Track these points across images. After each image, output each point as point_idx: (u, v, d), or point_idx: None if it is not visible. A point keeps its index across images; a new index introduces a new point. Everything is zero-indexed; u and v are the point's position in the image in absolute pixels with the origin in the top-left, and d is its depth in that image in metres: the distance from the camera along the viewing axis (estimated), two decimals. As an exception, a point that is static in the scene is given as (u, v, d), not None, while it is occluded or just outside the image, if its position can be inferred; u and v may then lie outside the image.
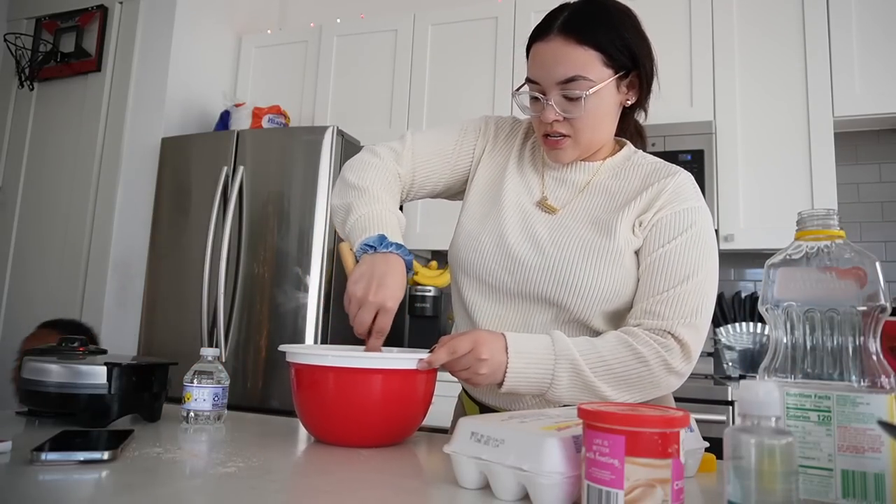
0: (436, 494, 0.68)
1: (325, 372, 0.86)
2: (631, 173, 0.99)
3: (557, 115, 0.93)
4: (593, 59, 0.91)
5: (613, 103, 0.96)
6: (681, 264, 0.90)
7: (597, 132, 0.96)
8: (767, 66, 2.33)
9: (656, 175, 0.97)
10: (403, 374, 0.87)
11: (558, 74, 0.91)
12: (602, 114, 0.95)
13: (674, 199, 0.93)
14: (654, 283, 0.90)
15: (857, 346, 0.61)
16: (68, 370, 0.97)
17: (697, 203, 0.95)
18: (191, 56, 2.84)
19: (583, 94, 0.90)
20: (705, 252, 0.92)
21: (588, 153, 1.00)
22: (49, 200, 2.83)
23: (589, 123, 0.94)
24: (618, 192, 0.98)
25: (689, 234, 0.91)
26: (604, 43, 0.91)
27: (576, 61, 0.90)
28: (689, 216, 0.92)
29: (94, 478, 0.68)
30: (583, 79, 0.90)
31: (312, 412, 0.89)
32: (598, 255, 0.92)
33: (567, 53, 0.90)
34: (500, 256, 0.97)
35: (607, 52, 0.91)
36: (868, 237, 2.44)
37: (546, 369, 0.85)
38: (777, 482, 0.49)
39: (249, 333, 2.30)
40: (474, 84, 2.70)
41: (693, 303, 0.89)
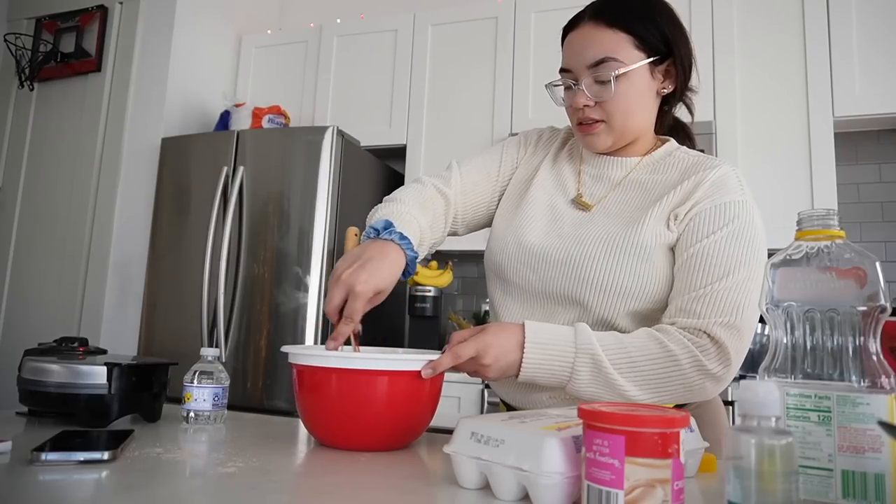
0: (436, 494, 0.68)
1: (327, 374, 0.84)
2: (670, 167, 0.96)
3: (588, 99, 0.91)
4: (623, 41, 0.89)
5: (647, 89, 0.94)
6: (720, 260, 0.84)
7: (630, 117, 0.93)
8: (767, 67, 2.33)
9: (696, 168, 0.93)
10: (409, 375, 0.84)
11: (588, 58, 0.90)
12: (635, 98, 0.92)
13: (714, 192, 0.88)
14: (691, 279, 0.85)
15: (857, 346, 0.61)
16: (68, 370, 0.97)
17: (742, 197, 0.89)
18: (191, 56, 2.84)
19: (612, 75, 0.89)
20: (750, 248, 0.86)
21: (623, 140, 0.96)
22: (49, 200, 2.83)
23: (621, 106, 0.91)
24: (654, 186, 0.94)
25: (730, 228, 0.86)
26: (634, 25, 0.90)
27: (605, 43, 0.89)
28: (730, 210, 0.87)
29: (94, 478, 0.68)
30: (613, 60, 0.89)
31: (315, 415, 0.87)
32: (622, 250, 0.88)
33: (596, 36, 0.90)
34: (522, 254, 0.96)
35: (638, 35, 0.90)
36: (868, 237, 2.44)
37: (566, 362, 0.81)
38: (777, 482, 0.49)
39: (249, 333, 2.30)
40: (474, 84, 2.70)
41: (732, 301, 0.83)
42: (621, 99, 0.91)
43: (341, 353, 0.86)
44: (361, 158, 2.53)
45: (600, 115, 0.92)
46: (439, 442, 0.97)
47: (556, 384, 0.84)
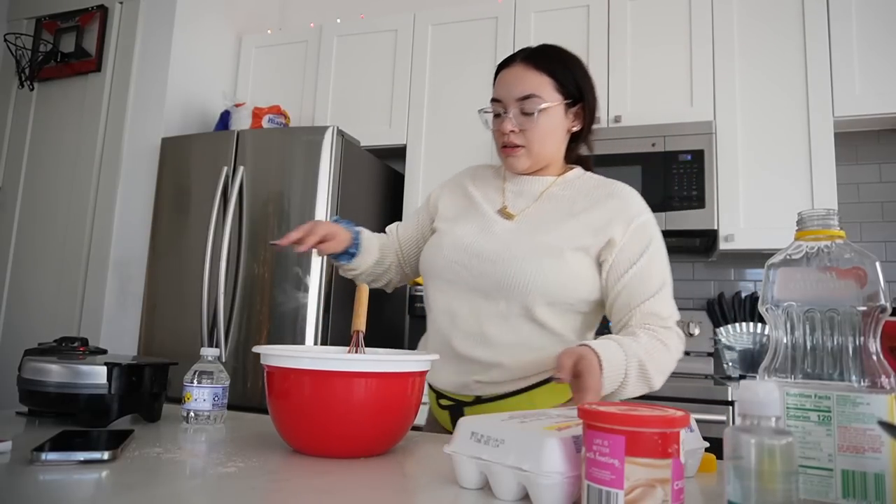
0: (436, 494, 0.68)
1: (299, 376, 0.80)
2: (580, 187, 1.15)
3: (514, 126, 1.10)
4: (546, 83, 1.10)
5: (560, 125, 1.13)
6: (654, 276, 1.07)
7: (545, 146, 1.13)
8: (767, 66, 2.33)
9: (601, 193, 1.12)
10: (386, 377, 0.81)
11: (517, 92, 1.10)
12: (550, 130, 1.12)
13: (630, 221, 1.08)
14: (641, 293, 1.06)
15: (857, 346, 0.61)
16: (68, 370, 0.97)
17: (647, 215, 1.11)
18: (191, 56, 2.84)
19: (535, 109, 1.09)
20: (665, 259, 1.10)
21: (538, 164, 1.15)
22: (49, 200, 2.83)
23: (539, 136, 1.11)
24: (567, 201, 1.13)
25: (653, 246, 1.08)
26: (556, 72, 1.11)
27: (532, 82, 1.10)
28: (646, 230, 1.09)
29: (94, 478, 0.68)
30: (536, 97, 1.09)
31: (285, 420, 0.83)
32: (542, 252, 1.06)
33: (526, 75, 1.10)
34: (457, 253, 1.12)
35: (558, 80, 1.11)
36: (868, 237, 2.44)
37: (621, 369, 0.96)
38: (777, 482, 0.49)
39: (249, 333, 2.30)
40: (474, 84, 2.70)
41: (672, 303, 1.07)
42: (540, 129, 1.10)
43: (315, 354, 0.83)
44: (361, 158, 2.53)
45: (522, 141, 1.11)
46: (439, 441, 0.97)
47: (608, 392, 0.96)
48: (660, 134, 2.31)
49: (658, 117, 2.39)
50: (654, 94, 2.44)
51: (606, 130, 2.40)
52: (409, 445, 0.93)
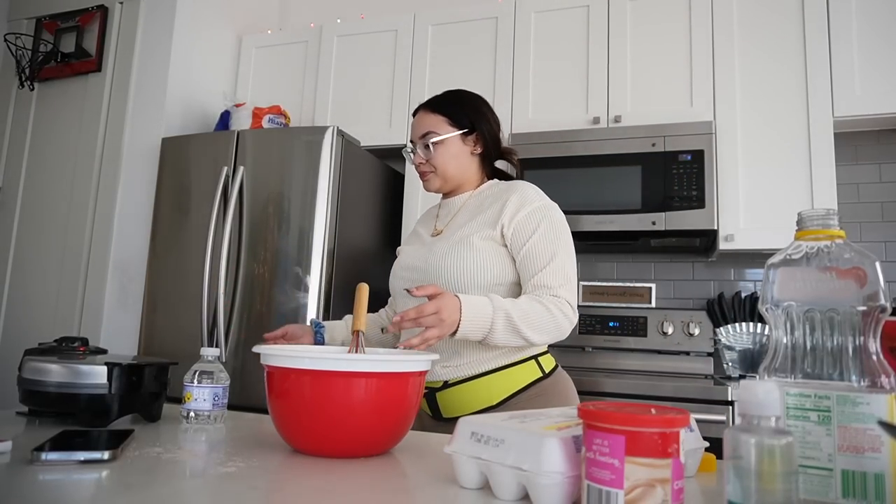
0: (436, 494, 0.68)
1: (299, 376, 0.80)
2: (489, 192, 1.38)
3: (420, 158, 1.38)
4: (440, 121, 1.37)
5: (461, 151, 1.38)
6: (544, 252, 1.25)
7: (448, 169, 1.37)
8: (767, 66, 2.33)
9: (503, 192, 1.33)
10: (386, 377, 0.81)
11: (419, 131, 1.38)
12: (450, 156, 1.36)
13: (520, 207, 1.28)
14: (532, 267, 1.25)
15: (857, 346, 0.61)
16: (68, 370, 0.97)
17: (541, 201, 1.30)
18: (191, 56, 2.84)
19: (431, 142, 1.35)
20: (558, 238, 1.27)
21: (449, 184, 1.39)
22: (49, 200, 2.83)
23: (440, 162, 1.36)
24: (479, 208, 1.35)
25: (541, 228, 1.26)
26: (446, 110, 1.37)
27: (429, 122, 1.37)
28: (537, 215, 1.27)
29: (94, 478, 0.68)
30: (432, 133, 1.36)
31: (285, 420, 0.83)
32: (458, 249, 1.27)
33: (424, 118, 1.38)
34: (401, 271, 1.38)
35: (449, 116, 1.37)
36: (868, 237, 2.44)
37: (488, 319, 1.13)
38: (777, 482, 0.49)
39: (249, 333, 2.30)
40: (474, 84, 2.69)
41: (562, 275, 1.24)
42: (439, 157, 1.36)
43: (314, 354, 0.83)
44: (361, 158, 2.53)
45: (430, 168, 1.37)
46: (439, 441, 0.97)
47: (480, 337, 1.14)
48: (660, 134, 2.31)
49: (658, 117, 2.39)
50: (653, 94, 2.44)
51: (606, 130, 2.40)
52: (409, 445, 0.93)
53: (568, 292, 1.23)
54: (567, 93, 2.56)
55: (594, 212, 2.34)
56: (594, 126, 2.46)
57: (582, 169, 2.38)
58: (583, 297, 2.69)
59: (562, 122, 2.52)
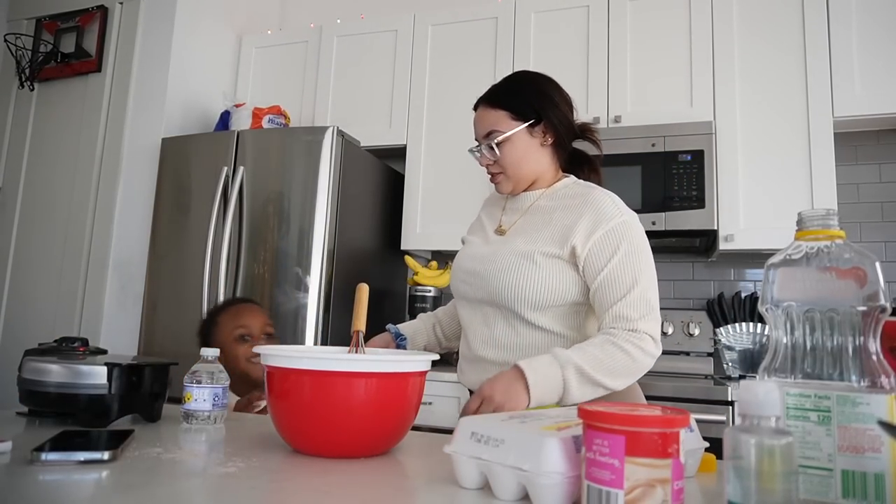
0: (436, 494, 0.68)
1: (299, 376, 0.80)
2: (563, 194, 1.25)
3: (486, 159, 1.25)
4: (502, 116, 1.22)
5: (529, 146, 1.23)
6: (624, 279, 1.12)
7: (519, 168, 1.24)
8: (767, 67, 2.33)
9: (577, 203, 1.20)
10: (386, 377, 0.81)
11: (480, 131, 1.25)
12: (518, 154, 1.23)
13: (596, 226, 1.15)
14: (611, 296, 1.12)
15: (857, 346, 0.61)
16: (68, 370, 0.97)
17: (620, 217, 1.16)
18: (191, 56, 2.84)
19: (495, 141, 1.21)
20: (640, 261, 1.14)
21: (522, 184, 1.26)
22: (49, 200, 2.83)
23: (509, 162, 1.23)
24: (551, 210, 1.22)
25: (621, 251, 1.13)
26: (507, 103, 1.22)
27: (489, 119, 1.23)
28: (616, 235, 1.14)
29: (94, 478, 0.68)
30: (496, 131, 1.22)
31: (285, 420, 0.83)
32: (520, 265, 1.17)
33: (484, 115, 1.24)
34: (461, 274, 1.28)
35: (512, 110, 1.22)
36: (868, 237, 2.44)
37: (558, 381, 1.04)
38: (777, 482, 0.49)
39: (249, 333, 2.30)
40: (474, 84, 2.69)
41: (644, 304, 1.12)
42: (507, 157, 1.22)
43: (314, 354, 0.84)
44: (361, 158, 2.53)
45: (498, 169, 1.25)
46: (439, 441, 0.97)
47: (555, 399, 1.05)
48: (660, 134, 2.31)
49: (658, 117, 2.39)
50: (653, 95, 2.44)
51: (606, 130, 2.40)
52: (409, 445, 0.93)
53: (650, 324, 1.11)
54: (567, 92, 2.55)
55: (594, 212, 2.34)
56: (594, 126, 2.46)
57: (582, 169, 2.38)
58: (583, 297, 2.69)
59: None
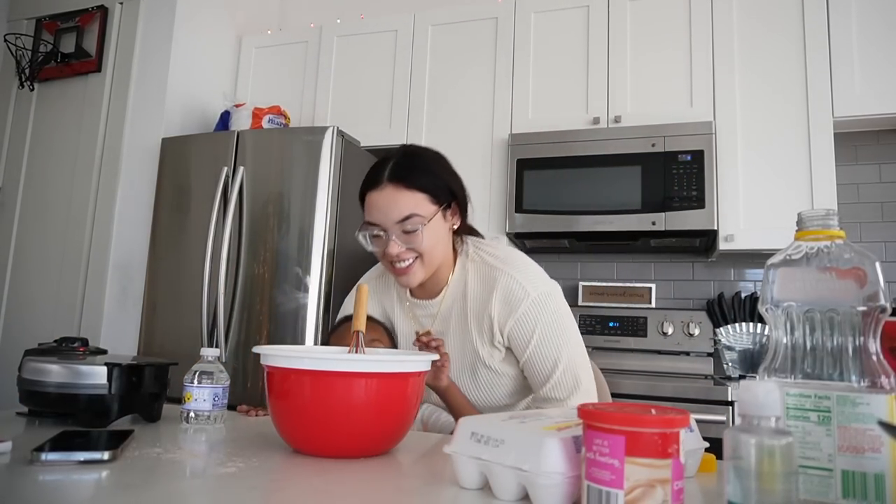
0: (436, 494, 0.68)
1: (299, 376, 0.80)
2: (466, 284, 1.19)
3: (401, 247, 1.12)
4: (421, 199, 1.11)
5: (442, 228, 1.16)
6: (546, 360, 1.12)
7: (435, 253, 1.15)
8: (767, 66, 2.33)
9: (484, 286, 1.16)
10: (386, 378, 0.81)
11: (395, 215, 1.10)
12: (436, 238, 1.14)
13: (509, 311, 1.13)
14: (537, 376, 1.14)
15: (857, 346, 0.61)
16: (68, 370, 0.97)
17: (528, 299, 1.12)
18: (191, 56, 2.84)
19: (418, 227, 1.10)
20: (557, 336, 1.13)
21: (432, 271, 1.17)
22: (49, 200, 2.83)
23: (427, 247, 1.12)
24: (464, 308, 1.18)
25: (538, 331, 1.12)
26: (426, 185, 1.12)
27: (408, 202, 1.10)
28: (530, 317, 1.12)
29: (94, 478, 0.68)
30: (416, 215, 1.10)
31: (285, 420, 0.83)
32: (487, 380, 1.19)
33: (400, 197, 1.11)
34: None
35: (431, 192, 1.12)
36: (868, 237, 2.44)
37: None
38: (777, 482, 0.49)
39: (249, 333, 2.30)
40: (474, 84, 2.70)
41: (570, 379, 1.12)
42: (428, 242, 1.12)
43: (314, 354, 0.84)
44: (361, 158, 2.53)
45: (412, 257, 1.13)
46: (439, 441, 0.97)
47: None
48: (660, 134, 2.31)
49: (658, 117, 2.39)
50: (653, 95, 2.44)
51: (606, 130, 2.40)
52: (409, 445, 0.93)
53: (578, 397, 1.11)
54: (567, 93, 2.55)
55: (594, 212, 2.34)
56: (594, 126, 2.46)
57: (582, 169, 2.38)
58: (583, 297, 2.69)
59: (562, 122, 2.51)
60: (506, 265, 1.16)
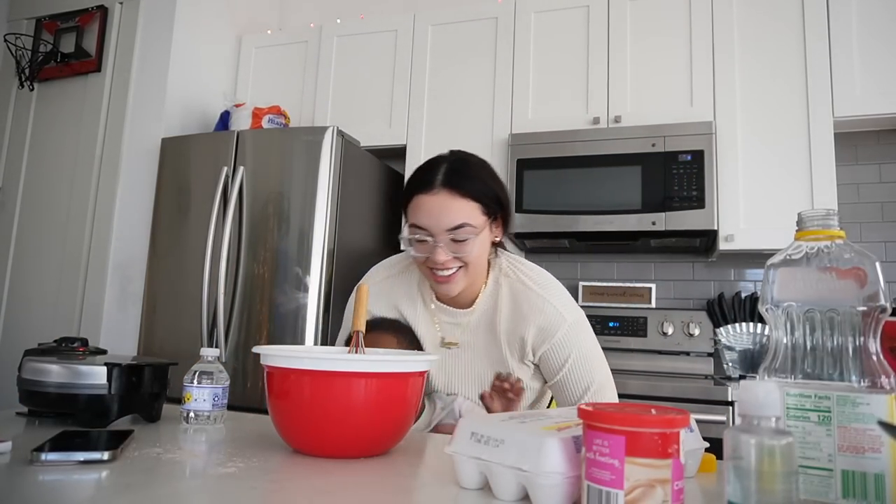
0: (436, 494, 0.68)
1: (299, 376, 0.80)
2: (500, 298, 1.19)
3: (448, 255, 1.09)
4: (474, 209, 1.09)
5: (487, 240, 1.15)
6: (579, 381, 1.15)
7: (480, 265, 1.15)
8: (767, 67, 2.33)
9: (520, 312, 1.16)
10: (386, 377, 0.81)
11: (447, 222, 1.08)
12: (483, 250, 1.13)
13: (544, 338, 1.15)
14: (567, 398, 1.17)
15: (857, 346, 0.61)
16: (68, 370, 0.97)
17: (565, 325, 1.14)
18: (191, 56, 2.84)
19: (469, 237, 1.08)
20: (592, 359, 1.16)
21: (472, 281, 1.16)
22: (49, 200, 2.83)
23: (474, 260, 1.12)
24: (497, 324, 1.18)
25: (572, 356, 1.15)
26: (480, 196, 1.10)
27: (461, 211, 1.08)
28: (566, 343, 1.15)
29: (94, 478, 0.68)
30: (468, 225, 1.08)
31: (285, 420, 0.83)
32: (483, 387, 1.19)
33: (453, 204, 1.08)
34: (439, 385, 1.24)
35: (483, 203, 1.10)
36: (868, 237, 2.44)
37: None
38: (777, 482, 0.49)
39: (249, 333, 2.30)
40: (474, 84, 2.70)
41: (600, 398, 1.15)
42: (474, 255, 1.11)
43: (314, 354, 0.84)
44: (361, 158, 2.53)
45: (458, 263, 1.11)
46: (439, 442, 0.97)
47: None
48: (660, 134, 2.31)
49: (658, 117, 2.39)
50: (654, 94, 2.44)
51: (606, 130, 2.40)
52: (409, 445, 0.93)
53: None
54: (567, 93, 2.55)
55: (594, 212, 2.34)
56: (594, 126, 2.46)
57: (582, 169, 2.38)
58: (583, 297, 2.69)
59: (562, 122, 2.52)
60: (542, 289, 1.17)
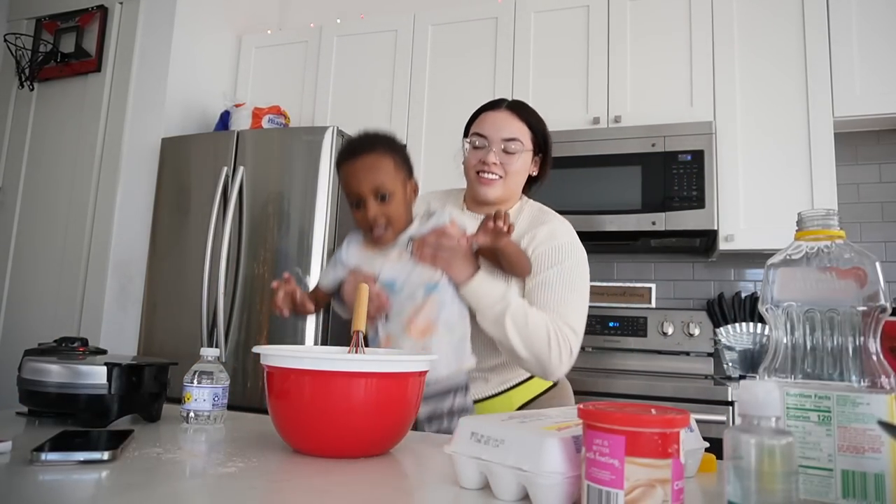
0: (436, 494, 0.68)
1: (299, 376, 0.80)
2: (524, 216, 1.33)
3: (497, 159, 1.27)
4: (526, 132, 1.31)
5: (526, 167, 1.32)
6: (557, 289, 1.20)
7: (516, 182, 1.31)
8: (767, 67, 2.33)
9: (534, 223, 1.29)
10: (386, 377, 0.81)
11: (504, 133, 1.28)
12: (522, 170, 1.31)
13: (547, 239, 1.24)
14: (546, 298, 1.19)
15: (857, 346, 0.61)
16: (68, 370, 0.97)
17: (573, 238, 1.27)
18: (191, 56, 2.84)
19: (517, 151, 1.28)
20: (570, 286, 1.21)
21: (506, 197, 1.31)
22: (49, 200, 2.83)
23: (514, 173, 1.29)
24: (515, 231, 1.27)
25: (566, 264, 1.22)
26: (533, 124, 1.32)
27: (517, 128, 1.30)
28: (562, 251, 1.23)
29: (94, 478, 0.68)
30: (519, 141, 1.28)
31: (285, 420, 0.83)
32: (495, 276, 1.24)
33: (512, 121, 1.30)
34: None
35: (534, 131, 1.32)
36: (868, 237, 2.44)
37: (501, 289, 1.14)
38: (777, 482, 0.49)
39: (249, 333, 2.30)
40: (474, 84, 2.70)
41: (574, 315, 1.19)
42: (515, 168, 1.29)
43: (314, 354, 0.84)
44: (361, 158, 2.53)
45: (500, 173, 1.28)
46: (439, 441, 0.97)
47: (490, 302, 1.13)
48: (660, 134, 2.31)
49: (658, 117, 2.39)
50: (653, 94, 2.44)
51: (606, 130, 2.40)
52: (409, 445, 0.93)
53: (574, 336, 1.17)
54: (567, 93, 2.55)
55: (594, 212, 2.34)
56: (594, 126, 2.46)
57: (582, 169, 2.38)
58: (583, 297, 2.69)
59: (562, 122, 2.51)
60: (558, 220, 1.31)
